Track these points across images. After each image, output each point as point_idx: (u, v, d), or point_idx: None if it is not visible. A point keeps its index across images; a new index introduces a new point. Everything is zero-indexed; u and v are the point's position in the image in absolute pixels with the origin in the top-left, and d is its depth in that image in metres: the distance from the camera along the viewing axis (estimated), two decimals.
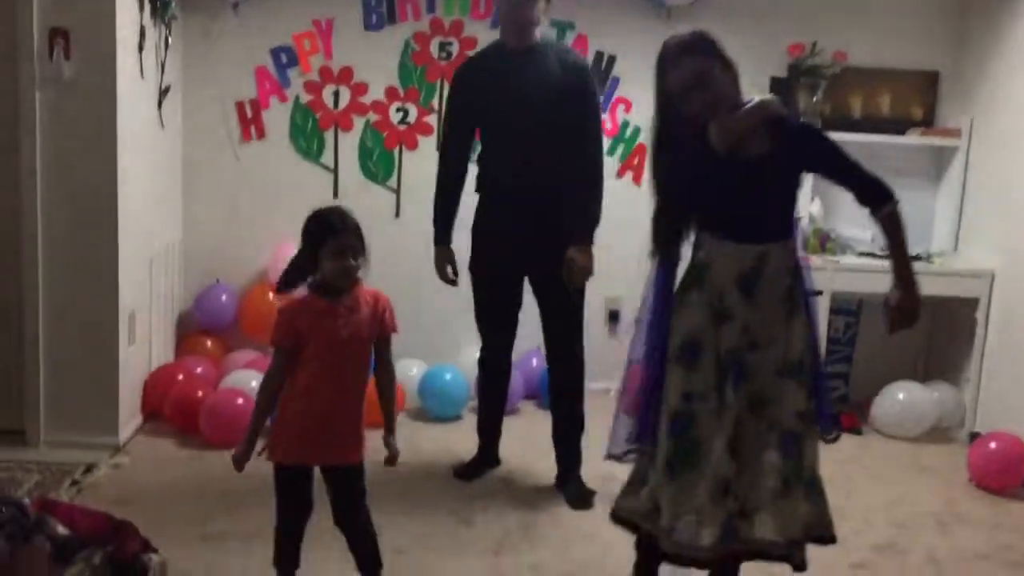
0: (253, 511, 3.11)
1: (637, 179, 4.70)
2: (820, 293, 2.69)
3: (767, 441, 2.36)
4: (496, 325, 3.52)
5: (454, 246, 3.48)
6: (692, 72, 2.29)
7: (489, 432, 3.66)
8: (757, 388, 2.37)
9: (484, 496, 3.41)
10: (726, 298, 2.37)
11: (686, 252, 2.46)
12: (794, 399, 2.36)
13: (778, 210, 2.40)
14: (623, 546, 3.03)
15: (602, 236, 3.74)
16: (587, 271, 3.32)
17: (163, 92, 4.08)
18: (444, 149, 3.50)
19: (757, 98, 2.36)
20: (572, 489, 3.42)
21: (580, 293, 3.41)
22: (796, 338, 2.38)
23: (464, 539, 3.06)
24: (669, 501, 2.36)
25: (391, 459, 2.47)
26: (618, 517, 2.54)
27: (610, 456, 2.55)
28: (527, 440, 3.81)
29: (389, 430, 2.48)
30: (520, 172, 3.30)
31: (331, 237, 2.35)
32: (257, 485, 3.29)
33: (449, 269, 3.48)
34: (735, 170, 2.33)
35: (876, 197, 2.34)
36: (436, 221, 3.46)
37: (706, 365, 2.35)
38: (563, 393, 3.51)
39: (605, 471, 3.67)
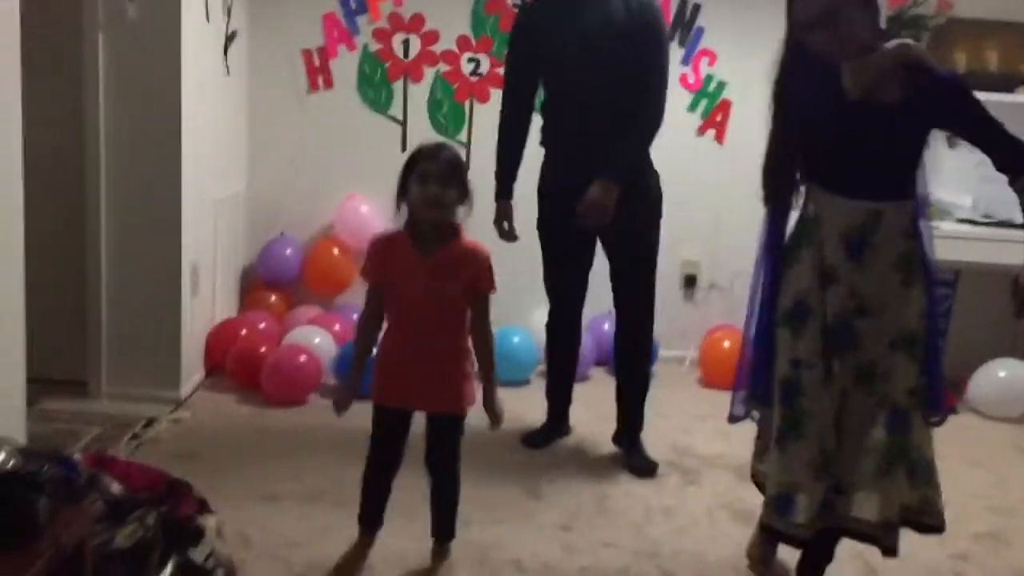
0: (314, 474, 3.01)
1: (719, 137, 4.44)
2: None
3: (874, 416, 2.21)
4: (565, 288, 3.34)
5: (517, 203, 3.29)
6: (821, 6, 2.06)
7: (559, 399, 3.49)
8: (867, 359, 2.21)
9: (553, 467, 3.25)
10: (830, 257, 2.19)
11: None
12: (905, 375, 2.19)
13: (900, 166, 2.19)
14: (703, 523, 2.87)
15: (678, 195, 3.53)
16: (600, 208, 3.03)
17: (229, 38, 3.95)
18: (505, 99, 3.28)
19: (897, 41, 2.15)
20: (634, 457, 3.26)
21: (652, 250, 3.21)
22: (912, 309, 2.19)
23: (533, 513, 2.90)
24: (775, 471, 2.25)
25: (493, 422, 2.38)
26: (756, 481, 2.45)
27: (732, 418, 2.42)
28: (598, 408, 3.61)
29: (487, 393, 2.38)
30: (587, 122, 3.08)
31: (417, 163, 2.27)
32: (319, 448, 3.21)
33: (506, 225, 3.28)
34: (860, 116, 2.12)
35: (1018, 164, 2.12)
36: (497, 174, 3.26)
37: (812, 330, 2.20)
38: (628, 352, 3.34)
39: (677, 441, 3.52)
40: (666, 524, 2.87)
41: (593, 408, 3.65)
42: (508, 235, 3.29)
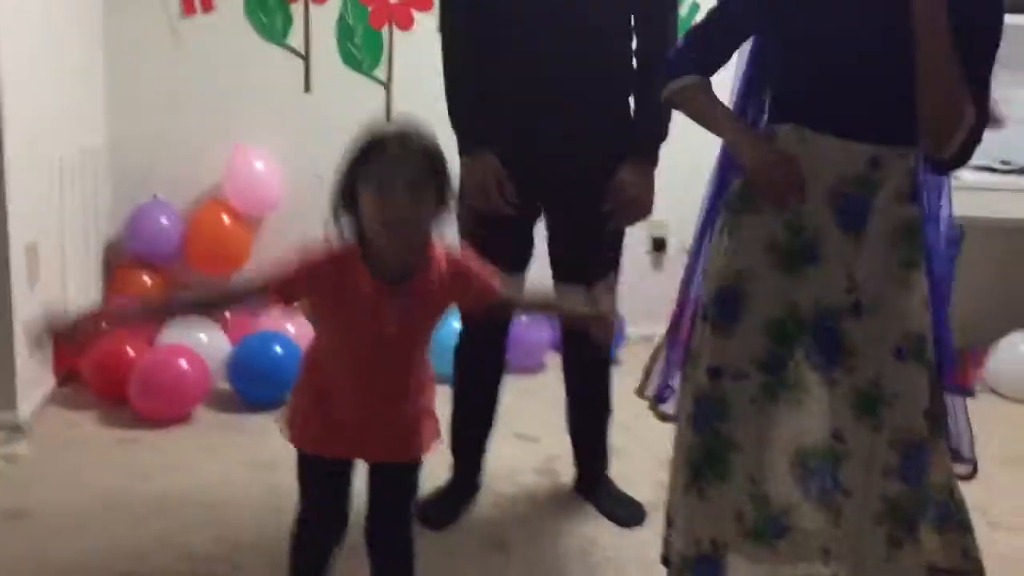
0: (201, 532, 2.26)
1: None
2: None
3: (885, 461, 1.70)
4: None
5: None
6: None
7: (471, 448, 2.60)
8: (867, 379, 1.71)
9: (519, 499, 2.58)
10: (812, 223, 1.73)
11: None
12: (918, 392, 1.71)
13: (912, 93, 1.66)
14: None
15: None
16: (645, 204, 2.39)
17: None
18: (446, 16, 2.40)
19: None
20: (611, 503, 2.55)
21: (619, 235, 2.46)
22: (915, 299, 1.72)
23: (499, 572, 2.22)
24: (687, 522, 1.82)
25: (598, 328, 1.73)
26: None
27: (640, 394, 2.14)
28: (563, 408, 2.86)
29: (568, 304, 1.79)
30: (554, 56, 2.24)
31: (373, 162, 1.53)
32: (210, 490, 2.44)
33: (495, 186, 2.29)
34: (867, 14, 1.65)
35: None
36: (458, 117, 2.34)
37: (748, 327, 1.75)
38: (584, 366, 2.57)
39: (666, 452, 2.82)
40: None
41: (556, 409, 2.91)
42: (500, 199, 2.29)
